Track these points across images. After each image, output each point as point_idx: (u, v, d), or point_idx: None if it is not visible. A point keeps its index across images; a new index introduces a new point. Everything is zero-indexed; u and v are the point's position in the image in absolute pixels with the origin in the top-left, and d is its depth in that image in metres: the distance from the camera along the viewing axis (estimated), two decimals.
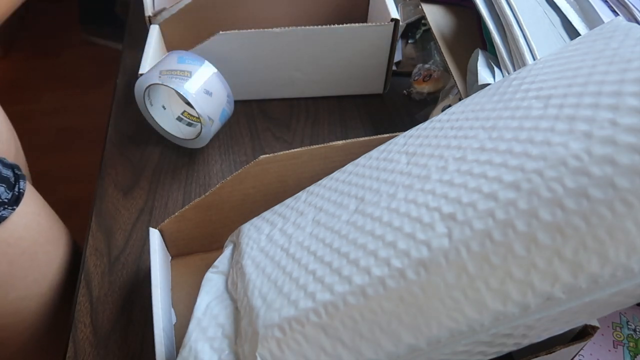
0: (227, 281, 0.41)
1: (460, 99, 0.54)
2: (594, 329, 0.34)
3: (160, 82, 0.57)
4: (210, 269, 0.43)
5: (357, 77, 0.69)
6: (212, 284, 0.41)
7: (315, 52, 0.65)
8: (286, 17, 0.74)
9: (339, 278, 0.30)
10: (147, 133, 0.66)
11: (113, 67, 0.82)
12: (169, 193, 0.60)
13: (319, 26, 0.62)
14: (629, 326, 0.47)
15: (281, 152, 0.46)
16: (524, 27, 0.50)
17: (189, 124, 0.65)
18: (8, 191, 0.50)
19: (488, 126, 0.33)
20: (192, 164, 0.63)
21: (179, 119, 0.65)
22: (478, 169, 0.30)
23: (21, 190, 0.52)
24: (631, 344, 0.46)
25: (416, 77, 0.71)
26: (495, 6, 0.53)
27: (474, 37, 0.59)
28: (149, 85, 0.59)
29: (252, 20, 0.72)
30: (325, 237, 0.35)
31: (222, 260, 0.43)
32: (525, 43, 0.49)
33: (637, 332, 0.47)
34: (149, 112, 0.63)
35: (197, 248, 0.52)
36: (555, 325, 0.28)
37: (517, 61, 0.49)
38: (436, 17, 0.62)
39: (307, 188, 0.44)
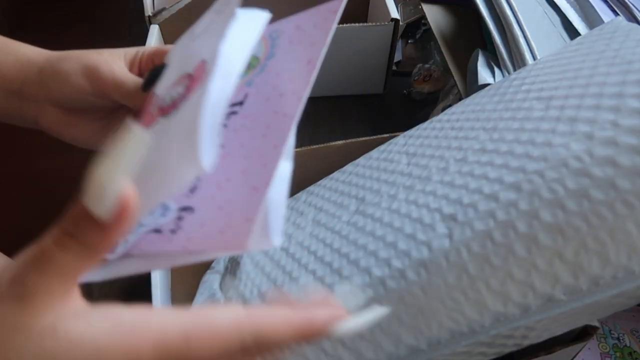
0: (221, 279, 0.41)
1: (460, 99, 0.54)
2: (594, 329, 0.34)
3: None
4: (208, 270, 0.43)
5: (357, 77, 0.69)
6: (207, 285, 0.41)
7: None
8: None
9: (339, 278, 0.30)
10: None
11: None
12: None
13: None
14: (612, 335, 0.47)
15: None
16: (524, 27, 0.50)
17: None
18: None
19: (489, 127, 0.33)
20: None
21: None
22: (479, 170, 0.30)
23: None
24: (617, 354, 0.46)
25: (416, 77, 0.71)
26: (495, 6, 0.53)
27: (474, 37, 0.59)
28: None
29: None
30: (326, 237, 0.35)
31: (219, 261, 0.43)
32: (525, 43, 0.48)
33: (621, 341, 0.47)
34: None
35: None
36: (556, 326, 0.28)
37: (517, 61, 0.48)
38: (436, 17, 0.62)
39: (307, 188, 0.44)
